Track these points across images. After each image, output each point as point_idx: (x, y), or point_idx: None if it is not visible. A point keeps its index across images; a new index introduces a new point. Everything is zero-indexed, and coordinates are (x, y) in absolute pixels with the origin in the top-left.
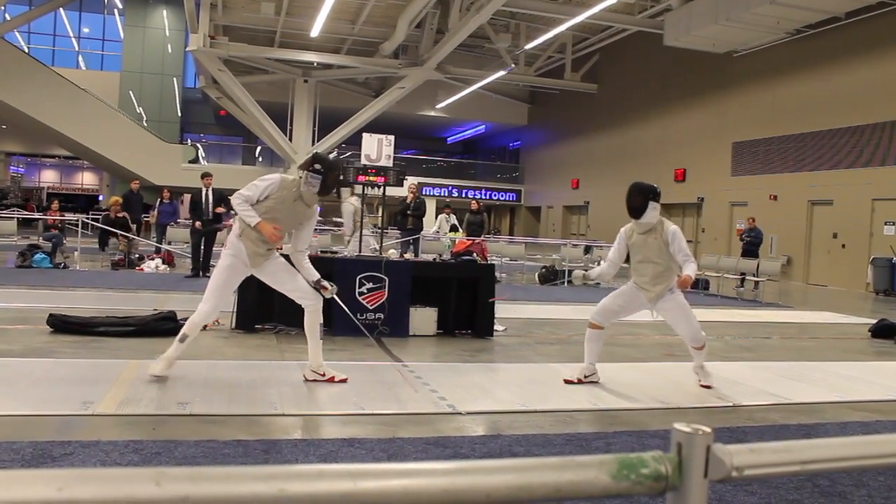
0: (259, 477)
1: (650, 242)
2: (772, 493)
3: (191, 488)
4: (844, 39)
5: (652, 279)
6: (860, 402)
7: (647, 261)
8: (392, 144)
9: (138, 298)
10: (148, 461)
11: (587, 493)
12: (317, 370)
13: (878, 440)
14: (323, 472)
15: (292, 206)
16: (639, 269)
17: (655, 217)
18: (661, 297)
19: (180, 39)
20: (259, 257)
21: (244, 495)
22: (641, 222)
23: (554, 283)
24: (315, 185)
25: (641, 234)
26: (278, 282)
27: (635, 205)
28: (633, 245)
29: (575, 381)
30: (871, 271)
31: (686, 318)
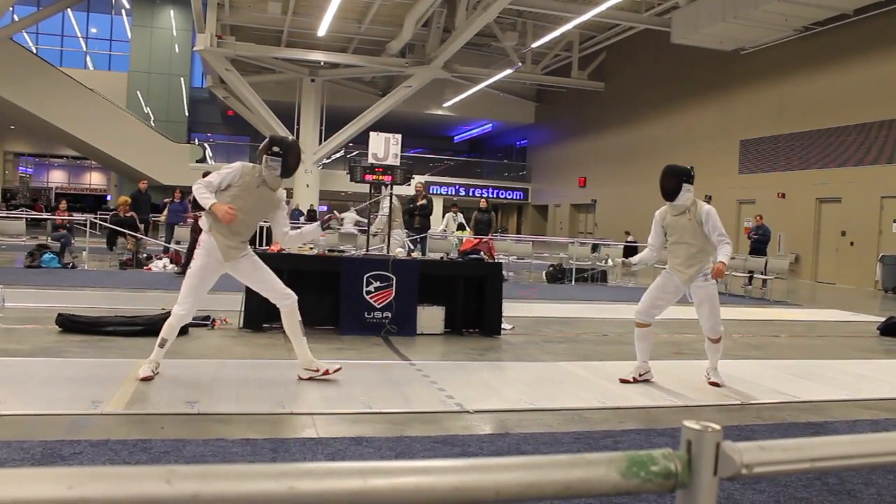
0: (269, 475)
1: (684, 223)
2: (780, 491)
3: (201, 486)
4: (853, 36)
5: (685, 260)
6: (869, 400)
7: (681, 241)
8: (399, 143)
9: (146, 298)
10: (156, 460)
11: (597, 491)
12: (308, 367)
13: (888, 437)
14: (333, 470)
15: (257, 192)
16: (673, 251)
17: (689, 199)
18: (694, 280)
19: (187, 39)
20: (232, 250)
21: (254, 493)
22: (676, 204)
23: (561, 281)
24: (276, 168)
25: (675, 215)
26: (253, 281)
27: (669, 187)
28: (668, 226)
29: (630, 380)
30: (880, 269)
31: (711, 309)
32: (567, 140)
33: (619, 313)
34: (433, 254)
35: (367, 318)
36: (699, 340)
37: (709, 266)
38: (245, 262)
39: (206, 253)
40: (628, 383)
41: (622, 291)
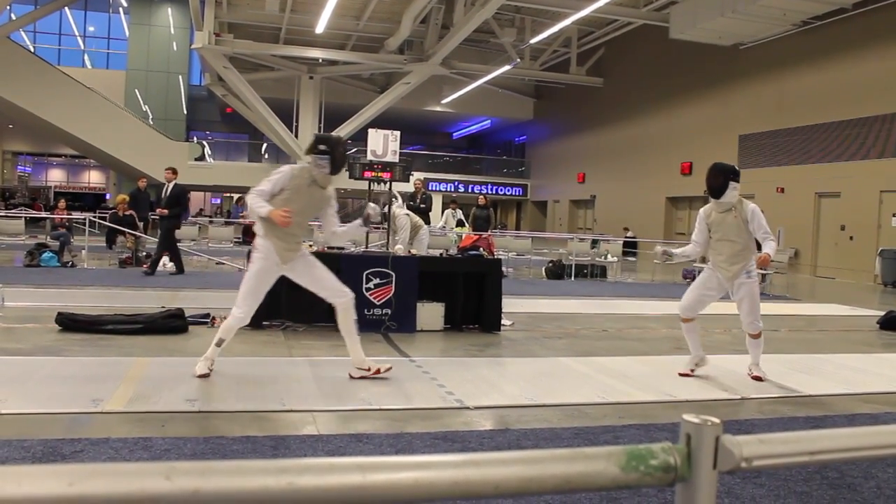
0: (269, 471)
1: (729, 221)
2: (781, 485)
3: (201, 482)
4: (851, 31)
5: (729, 258)
6: (869, 393)
7: (725, 239)
8: (398, 140)
9: (146, 296)
10: (157, 458)
11: (596, 485)
12: (360, 366)
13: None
14: (333, 466)
15: (308, 192)
16: (716, 248)
17: (735, 196)
18: (738, 277)
19: (185, 37)
20: (289, 252)
21: (254, 489)
22: (722, 202)
23: (560, 277)
24: (325, 166)
25: (721, 213)
26: (309, 281)
27: (716, 185)
28: (713, 223)
29: (689, 372)
30: (879, 263)
31: (751, 305)
32: (566, 136)
33: (619, 309)
34: (432, 250)
35: (366, 314)
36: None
37: (752, 263)
38: (300, 262)
39: (264, 256)
40: (688, 376)
41: (622, 287)
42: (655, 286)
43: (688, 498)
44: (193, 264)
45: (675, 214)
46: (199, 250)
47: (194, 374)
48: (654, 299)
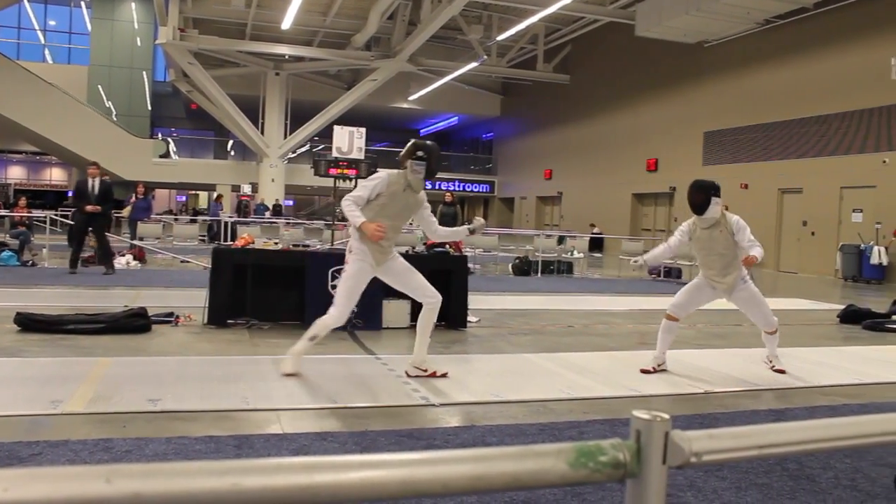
0: (213, 472)
1: (715, 236)
2: (742, 477)
3: (142, 485)
4: (812, 30)
5: (721, 271)
6: (828, 386)
7: (714, 253)
8: (363, 137)
9: (109, 295)
10: (118, 459)
11: (546, 482)
12: (419, 366)
13: (833, 423)
14: (279, 466)
15: (403, 196)
16: (707, 263)
17: (718, 212)
18: (735, 287)
19: (149, 32)
20: (383, 256)
21: (197, 491)
22: (705, 217)
23: (527, 273)
24: (421, 172)
25: (705, 228)
26: (402, 282)
27: (697, 202)
28: (698, 240)
29: (651, 370)
30: (840, 258)
31: (758, 306)
32: (533, 133)
33: (585, 305)
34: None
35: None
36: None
37: (744, 269)
38: (393, 264)
39: (361, 258)
40: (649, 373)
41: (588, 283)
42: (621, 282)
43: (637, 493)
44: (157, 262)
45: (641, 211)
46: (164, 248)
47: (282, 373)
48: (620, 295)
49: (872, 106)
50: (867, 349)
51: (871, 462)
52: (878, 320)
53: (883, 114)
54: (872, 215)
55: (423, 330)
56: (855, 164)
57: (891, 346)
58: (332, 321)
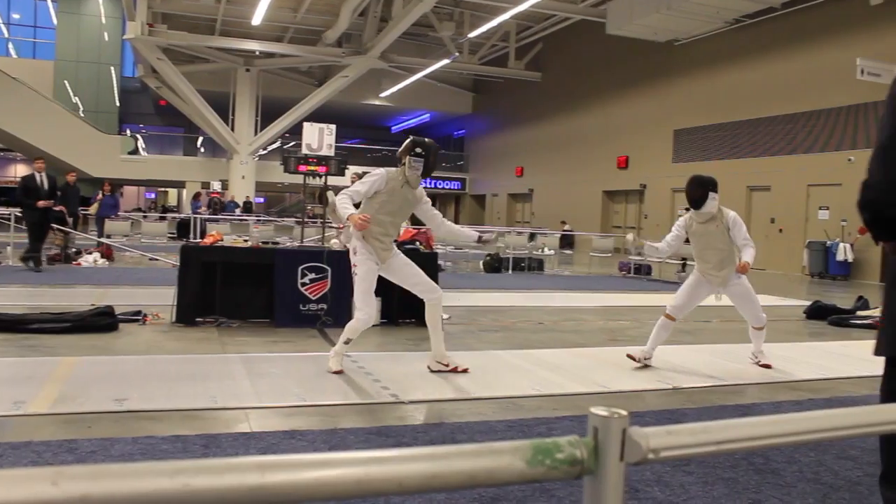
0: (163, 472)
1: (712, 230)
2: (709, 472)
3: (90, 487)
4: (780, 30)
5: (717, 265)
6: (794, 381)
7: (711, 248)
8: (333, 133)
9: (75, 294)
10: (83, 460)
11: (502, 480)
12: (441, 360)
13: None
14: (230, 466)
15: (402, 193)
16: (703, 257)
17: (715, 207)
18: (729, 280)
19: (117, 27)
20: (385, 252)
21: (147, 492)
22: (702, 212)
23: (498, 270)
24: (419, 168)
25: (702, 223)
26: (404, 277)
27: (696, 196)
28: (695, 234)
29: (637, 360)
30: (807, 255)
31: (751, 301)
32: (504, 130)
33: (555, 302)
34: None
35: (301, 310)
36: (633, 328)
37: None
38: (395, 261)
39: (367, 257)
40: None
41: (558, 280)
42: (591, 279)
43: (594, 490)
44: (125, 260)
45: (612, 208)
46: (132, 246)
47: (329, 371)
48: (590, 292)
49: (839, 105)
50: (832, 344)
51: (834, 456)
52: (844, 316)
53: (849, 113)
54: (838, 213)
55: (433, 326)
56: (821, 163)
57: (855, 341)
58: (362, 324)
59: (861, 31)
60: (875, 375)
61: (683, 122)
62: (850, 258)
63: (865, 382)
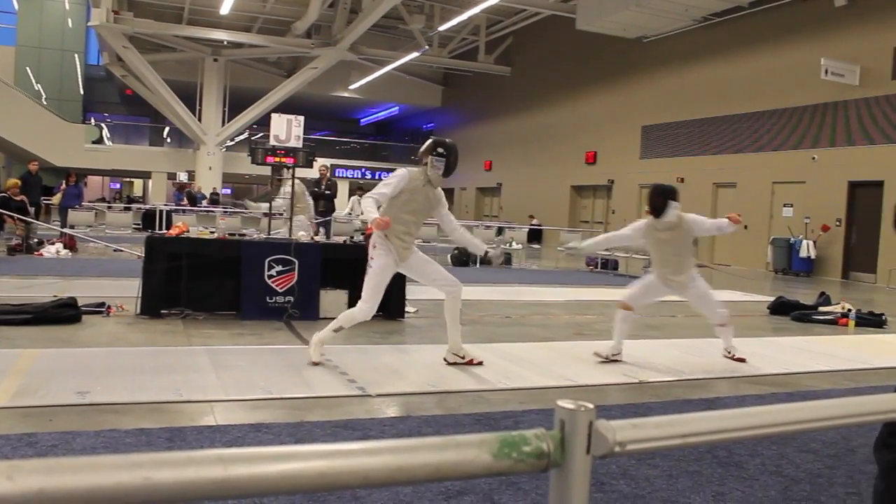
0: (122, 466)
1: (672, 238)
2: (674, 465)
3: (46, 481)
4: (747, 28)
5: (675, 269)
6: (757, 375)
7: (672, 254)
8: (301, 125)
9: (37, 285)
10: (43, 454)
11: (468, 473)
12: (457, 353)
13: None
14: (192, 459)
15: (423, 191)
16: (662, 262)
17: (676, 215)
18: (688, 284)
19: (81, 13)
20: (406, 251)
21: (105, 486)
22: (664, 221)
23: (466, 264)
24: (440, 168)
25: (662, 231)
26: (423, 274)
27: (657, 205)
28: (654, 242)
29: (605, 358)
30: (771, 251)
31: (708, 300)
32: (473, 124)
33: (523, 296)
34: (338, 237)
35: (268, 302)
36: (599, 322)
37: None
38: (414, 258)
39: (386, 253)
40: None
41: (526, 274)
42: (559, 273)
43: (561, 483)
44: (89, 251)
45: (580, 203)
46: (96, 237)
47: (310, 361)
48: (558, 286)
49: (803, 104)
50: (795, 339)
51: (795, 448)
52: (806, 311)
53: (813, 112)
54: (802, 210)
55: (452, 318)
56: (786, 161)
57: (817, 336)
58: (361, 315)
59: (826, 31)
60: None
61: (651, 118)
62: (812, 255)
63: (827, 377)
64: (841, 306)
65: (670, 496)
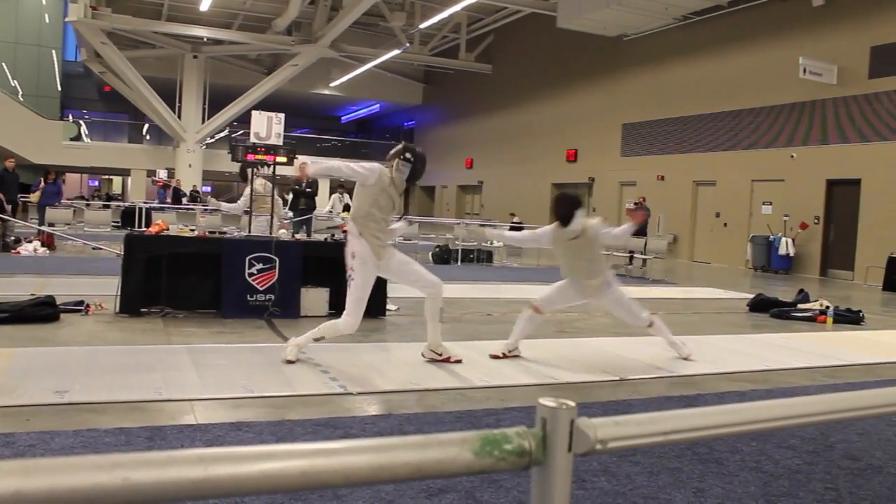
0: (101, 466)
1: (579, 244)
2: (654, 462)
3: (23, 482)
4: (726, 27)
5: (586, 274)
6: (737, 372)
7: (578, 259)
8: (282, 122)
9: (14, 283)
10: (21, 455)
11: (450, 471)
12: (435, 349)
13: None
14: (172, 459)
15: (388, 192)
16: (572, 268)
17: (580, 224)
18: (601, 290)
19: (59, 8)
20: (382, 248)
21: (83, 487)
22: (570, 229)
23: (447, 262)
24: (405, 172)
25: (569, 239)
26: (402, 275)
27: (564, 213)
28: (561, 248)
29: (500, 355)
30: (751, 249)
31: (627, 307)
32: (454, 121)
33: (504, 294)
34: (318, 235)
35: (249, 300)
36: (580, 319)
37: (611, 274)
38: (392, 261)
39: (364, 261)
40: (498, 358)
41: (507, 272)
42: (540, 271)
43: (543, 481)
44: (68, 249)
45: None
46: (75, 234)
47: (284, 359)
48: (539, 284)
49: (782, 102)
50: (774, 336)
51: (775, 445)
52: (785, 308)
53: (792, 110)
54: (781, 208)
55: (432, 317)
56: (765, 159)
57: (796, 333)
58: (346, 328)
59: (804, 31)
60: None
61: (632, 116)
62: (791, 252)
63: (805, 373)
64: (819, 303)
65: (651, 493)
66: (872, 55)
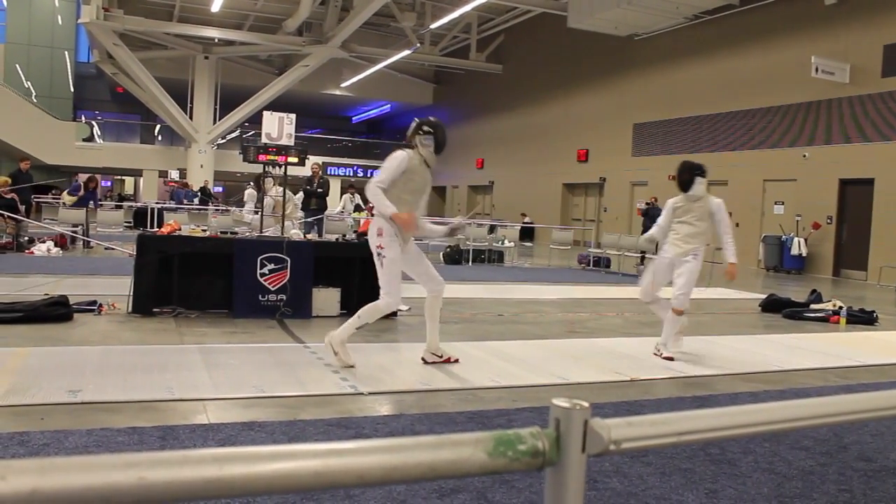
0: (116, 465)
1: (694, 207)
2: (667, 462)
3: (39, 481)
4: (738, 26)
5: (684, 237)
6: (750, 373)
7: (686, 222)
8: (293, 123)
9: (28, 283)
10: (35, 453)
11: (463, 472)
12: (435, 352)
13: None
14: (187, 458)
15: (422, 171)
16: (675, 228)
17: (702, 190)
18: (686, 255)
19: (71, 10)
20: (409, 234)
21: (99, 486)
22: (690, 195)
23: (458, 262)
24: (430, 145)
25: (688, 202)
26: (415, 265)
27: (684, 179)
28: (678, 209)
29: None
30: (763, 249)
31: (688, 279)
32: (465, 122)
33: (515, 294)
34: (330, 235)
35: (260, 300)
36: (591, 319)
37: (701, 248)
38: (412, 247)
39: (392, 241)
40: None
41: (518, 272)
42: (551, 271)
43: (556, 481)
44: (80, 249)
45: (572, 201)
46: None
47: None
48: (550, 284)
49: (794, 102)
50: (787, 337)
51: (788, 446)
52: (798, 309)
53: (804, 110)
54: (793, 208)
55: (432, 317)
56: (777, 158)
57: (809, 334)
58: (386, 307)
59: (816, 29)
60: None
61: (643, 116)
62: (804, 252)
63: (818, 374)
64: (832, 304)
65: (663, 493)
66: (885, 54)
